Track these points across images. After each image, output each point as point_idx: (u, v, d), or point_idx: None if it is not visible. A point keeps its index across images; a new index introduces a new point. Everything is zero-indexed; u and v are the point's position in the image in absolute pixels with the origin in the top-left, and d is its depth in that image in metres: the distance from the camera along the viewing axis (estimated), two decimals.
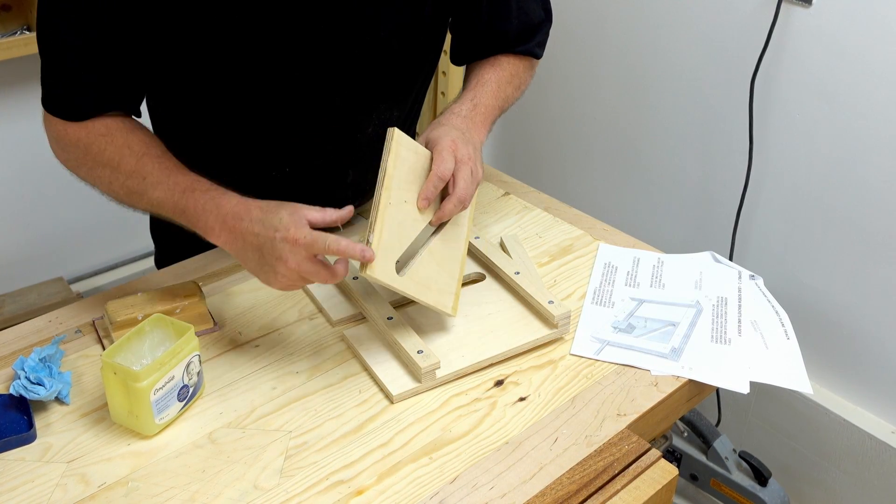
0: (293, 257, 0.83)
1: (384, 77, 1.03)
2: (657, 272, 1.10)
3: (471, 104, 1.03)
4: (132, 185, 0.93)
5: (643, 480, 0.82)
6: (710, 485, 1.55)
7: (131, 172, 0.92)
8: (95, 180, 0.96)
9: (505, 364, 0.95)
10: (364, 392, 0.90)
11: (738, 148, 1.57)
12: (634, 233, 1.21)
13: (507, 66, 1.11)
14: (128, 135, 0.94)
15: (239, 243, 0.87)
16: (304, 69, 0.97)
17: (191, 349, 0.85)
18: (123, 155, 0.92)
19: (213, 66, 0.95)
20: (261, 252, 0.85)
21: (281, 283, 0.86)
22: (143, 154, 0.93)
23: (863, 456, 1.54)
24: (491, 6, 1.08)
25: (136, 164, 0.92)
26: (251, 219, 0.86)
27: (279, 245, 0.83)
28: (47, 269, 1.82)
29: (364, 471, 0.81)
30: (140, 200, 0.93)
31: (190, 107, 1.04)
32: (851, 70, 1.39)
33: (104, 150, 0.93)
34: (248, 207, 0.87)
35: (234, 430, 0.85)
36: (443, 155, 0.91)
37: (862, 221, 1.45)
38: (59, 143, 0.96)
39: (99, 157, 0.93)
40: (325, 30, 0.95)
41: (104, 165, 0.93)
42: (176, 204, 0.90)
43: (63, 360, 0.93)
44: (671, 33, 1.63)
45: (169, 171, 0.92)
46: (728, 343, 0.99)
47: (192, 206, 0.89)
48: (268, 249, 0.84)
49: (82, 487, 0.79)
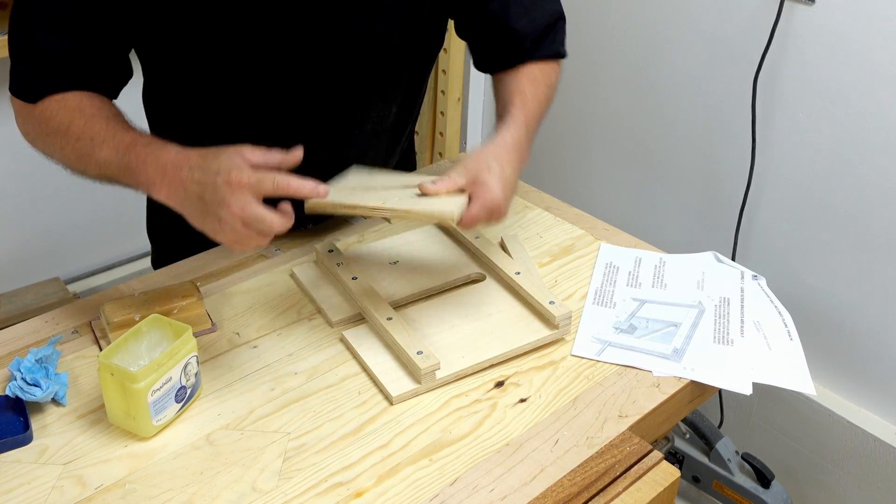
0: (236, 201, 0.77)
1: (381, 72, 1.02)
2: (659, 272, 1.10)
3: (511, 134, 0.96)
4: (81, 147, 0.90)
5: (645, 482, 0.81)
6: (712, 487, 1.55)
7: (80, 134, 0.90)
8: (49, 148, 0.93)
9: (505, 365, 0.94)
10: (363, 393, 0.90)
11: (741, 147, 1.57)
12: (636, 232, 1.21)
13: (540, 78, 1.05)
14: (81, 99, 0.92)
15: (180, 193, 0.82)
16: (300, 63, 0.97)
17: (188, 350, 0.85)
18: (74, 118, 0.90)
19: (208, 60, 0.95)
20: (203, 200, 0.80)
21: (227, 233, 0.80)
22: (92, 115, 0.90)
23: (866, 458, 1.53)
24: (502, 4, 1.04)
25: (85, 125, 0.90)
26: (190, 166, 0.81)
27: (221, 189, 0.78)
28: (44, 270, 1.81)
29: (363, 473, 0.81)
30: (89, 163, 0.90)
31: (185, 101, 1.03)
32: (855, 68, 1.38)
33: (56, 114, 0.91)
34: (188, 155, 0.83)
35: (232, 432, 0.85)
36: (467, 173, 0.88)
37: (866, 221, 1.45)
38: (20, 116, 0.95)
39: (51, 122, 0.91)
40: (321, 23, 0.95)
41: (55, 131, 0.91)
42: (120, 162, 0.87)
43: (60, 361, 0.93)
44: (673, 31, 1.63)
45: (115, 130, 0.89)
46: (730, 344, 0.98)
47: (135, 160, 0.86)
48: (210, 195, 0.79)
49: (79, 489, 0.78)
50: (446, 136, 2.10)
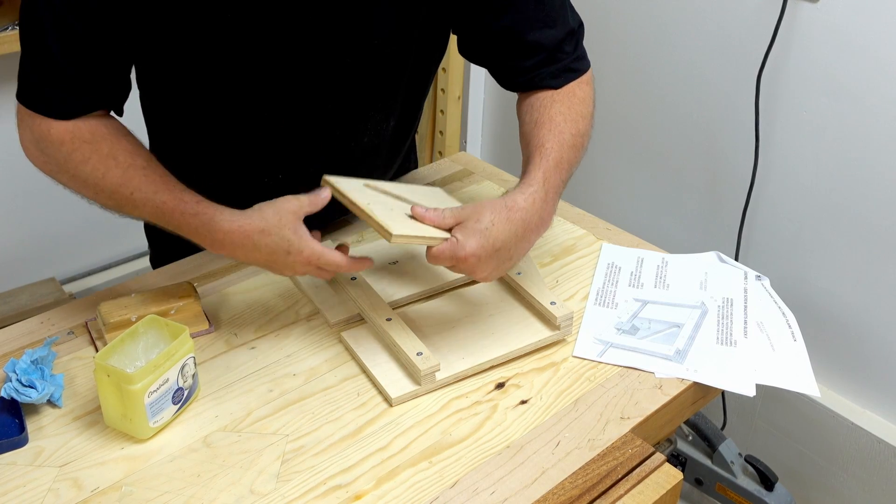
0: (303, 269, 0.90)
1: (377, 85, 1.01)
2: (661, 272, 1.09)
3: (525, 198, 0.89)
4: (116, 200, 0.91)
5: (647, 485, 0.81)
6: (715, 489, 1.54)
7: (115, 190, 0.90)
8: (75, 188, 0.93)
9: (506, 366, 0.94)
10: (362, 395, 0.90)
11: (744, 145, 1.56)
12: (638, 232, 1.20)
13: (567, 118, 0.97)
14: (113, 144, 0.91)
15: (242, 258, 0.91)
16: (295, 75, 0.96)
17: (186, 351, 0.85)
18: (108, 168, 0.90)
19: (204, 71, 0.94)
20: (270, 264, 0.91)
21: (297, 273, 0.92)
22: (128, 166, 0.90)
23: (871, 460, 1.53)
24: (514, 9, 0.98)
25: (122, 178, 0.90)
26: (254, 245, 0.88)
27: (291, 261, 0.89)
28: (39, 270, 1.81)
29: (362, 475, 0.80)
30: (125, 212, 0.93)
31: (183, 112, 1.03)
32: (859, 66, 1.38)
33: (88, 159, 0.90)
34: (246, 234, 0.87)
35: (229, 434, 0.84)
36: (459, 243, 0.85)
37: (870, 220, 1.44)
38: (39, 144, 0.91)
39: (82, 166, 0.90)
40: (316, 35, 0.94)
41: (86, 181, 0.91)
42: (167, 224, 0.91)
43: (55, 363, 0.92)
44: (676, 29, 1.63)
45: (155, 186, 0.90)
46: (734, 345, 0.98)
47: (185, 228, 0.90)
48: (280, 264, 0.90)
49: (75, 492, 0.78)
50: (446, 134, 2.10)
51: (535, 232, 0.90)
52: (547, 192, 0.90)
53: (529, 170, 0.92)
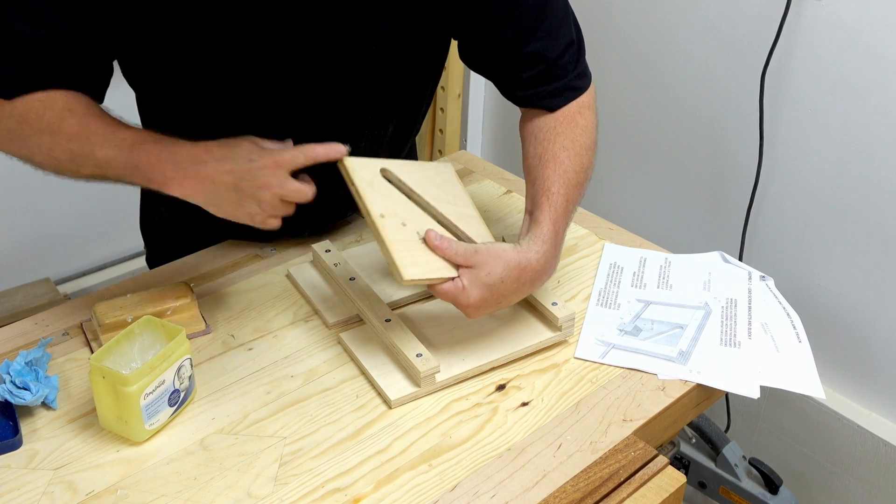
0: (276, 179, 0.84)
1: (374, 90, 1.01)
2: (664, 273, 1.09)
3: (536, 251, 0.90)
4: (75, 147, 0.88)
5: (650, 488, 0.81)
6: (719, 493, 1.54)
7: (74, 134, 0.87)
8: (32, 149, 0.90)
9: (507, 368, 0.93)
10: (361, 397, 0.89)
11: (748, 144, 1.56)
12: (641, 232, 1.20)
13: (570, 153, 0.96)
14: (68, 98, 0.89)
15: (208, 186, 0.85)
16: (291, 79, 0.95)
17: (182, 352, 0.84)
18: (65, 117, 0.88)
19: (200, 76, 0.94)
20: (238, 187, 0.84)
21: (263, 213, 0.86)
22: (85, 114, 0.88)
23: (877, 463, 1.52)
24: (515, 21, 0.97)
25: (80, 123, 0.88)
26: (215, 158, 0.84)
27: (259, 172, 0.83)
28: (33, 270, 1.81)
29: (361, 478, 0.80)
30: (86, 163, 0.88)
31: (180, 117, 1.02)
32: (864, 63, 1.37)
33: (42, 115, 0.88)
34: (207, 148, 0.85)
35: (226, 437, 0.84)
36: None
37: (876, 220, 1.44)
38: None
39: (37, 123, 0.88)
40: (312, 41, 0.93)
41: (43, 131, 0.88)
42: (127, 161, 0.86)
43: (50, 364, 0.92)
44: (679, 26, 1.62)
45: (114, 127, 0.88)
46: (737, 346, 0.97)
47: (145, 159, 0.85)
48: (248, 181, 0.84)
49: (70, 495, 0.78)
50: (446, 133, 2.09)
51: (538, 283, 0.92)
52: (556, 245, 0.92)
53: (538, 218, 0.92)
